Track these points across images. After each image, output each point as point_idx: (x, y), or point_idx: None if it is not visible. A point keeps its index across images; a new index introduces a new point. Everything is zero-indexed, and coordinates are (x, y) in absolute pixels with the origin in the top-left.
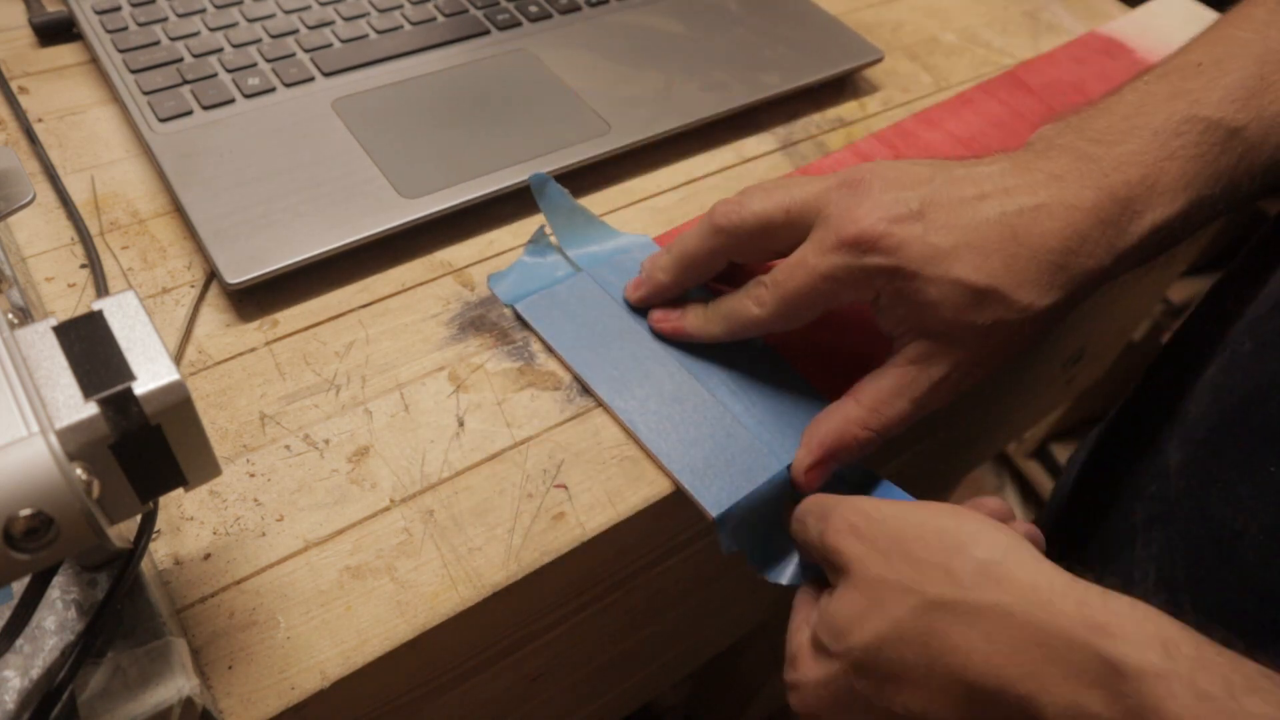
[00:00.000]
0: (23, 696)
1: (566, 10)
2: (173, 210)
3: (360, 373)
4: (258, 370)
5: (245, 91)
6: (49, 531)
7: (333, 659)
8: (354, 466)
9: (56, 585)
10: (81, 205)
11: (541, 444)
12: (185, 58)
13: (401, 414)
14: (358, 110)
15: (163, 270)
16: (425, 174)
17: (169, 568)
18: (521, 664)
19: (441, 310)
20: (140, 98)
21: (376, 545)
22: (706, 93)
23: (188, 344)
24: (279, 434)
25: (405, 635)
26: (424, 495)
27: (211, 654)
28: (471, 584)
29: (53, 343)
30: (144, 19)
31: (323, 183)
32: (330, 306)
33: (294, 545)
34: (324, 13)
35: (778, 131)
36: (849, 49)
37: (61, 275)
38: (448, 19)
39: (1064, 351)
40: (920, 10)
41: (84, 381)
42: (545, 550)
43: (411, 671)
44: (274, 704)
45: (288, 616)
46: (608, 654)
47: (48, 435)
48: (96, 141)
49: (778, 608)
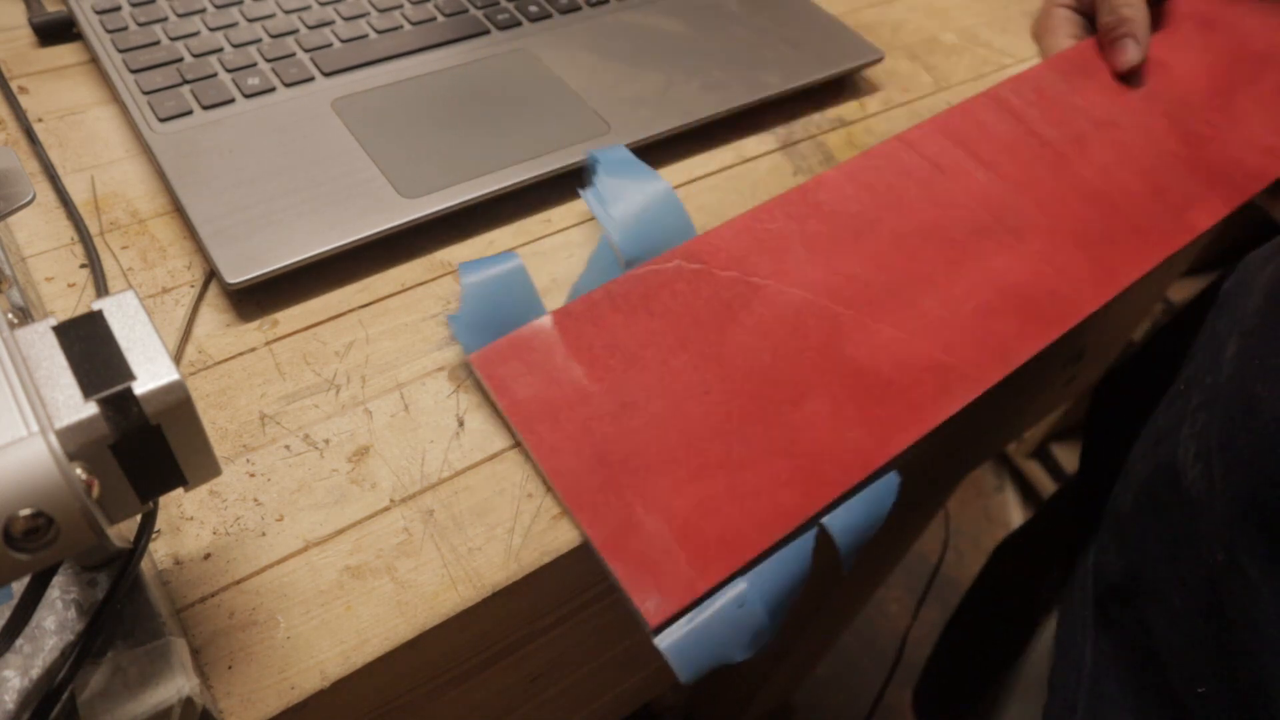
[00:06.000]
0: (23, 696)
1: (566, 10)
2: (173, 210)
3: (360, 373)
4: (258, 370)
5: (245, 91)
6: (49, 531)
7: (333, 659)
8: (354, 466)
9: (56, 585)
10: (81, 205)
11: None
12: (185, 58)
13: (401, 414)
14: (358, 110)
15: (163, 270)
16: (425, 174)
17: (169, 568)
18: (521, 664)
19: (441, 310)
20: (140, 98)
21: (376, 545)
22: (706, 93)
23: (187, 344)
24: (279, 434)
25: (405, 635)
26: (424, 495)
27: (211, 654)
28: (471, 584)
29: (53, 342)
30: (144, 19)
31: (323, 182)
32: (330, 306)
33: (294, 545)
34: (324, 13)
35: (778, 131)
36: (849, 49)
37: (61, 275)
38: (448, 19)
39: (1064, 351)
40: (920, 10)
41: (84, 381)
42: (545, 550)
43: (411, 671)
44: (274, 704)
45: (288, 616)
46: (608, 654)
47: (48, 435)
48: (96, 141)
49: None
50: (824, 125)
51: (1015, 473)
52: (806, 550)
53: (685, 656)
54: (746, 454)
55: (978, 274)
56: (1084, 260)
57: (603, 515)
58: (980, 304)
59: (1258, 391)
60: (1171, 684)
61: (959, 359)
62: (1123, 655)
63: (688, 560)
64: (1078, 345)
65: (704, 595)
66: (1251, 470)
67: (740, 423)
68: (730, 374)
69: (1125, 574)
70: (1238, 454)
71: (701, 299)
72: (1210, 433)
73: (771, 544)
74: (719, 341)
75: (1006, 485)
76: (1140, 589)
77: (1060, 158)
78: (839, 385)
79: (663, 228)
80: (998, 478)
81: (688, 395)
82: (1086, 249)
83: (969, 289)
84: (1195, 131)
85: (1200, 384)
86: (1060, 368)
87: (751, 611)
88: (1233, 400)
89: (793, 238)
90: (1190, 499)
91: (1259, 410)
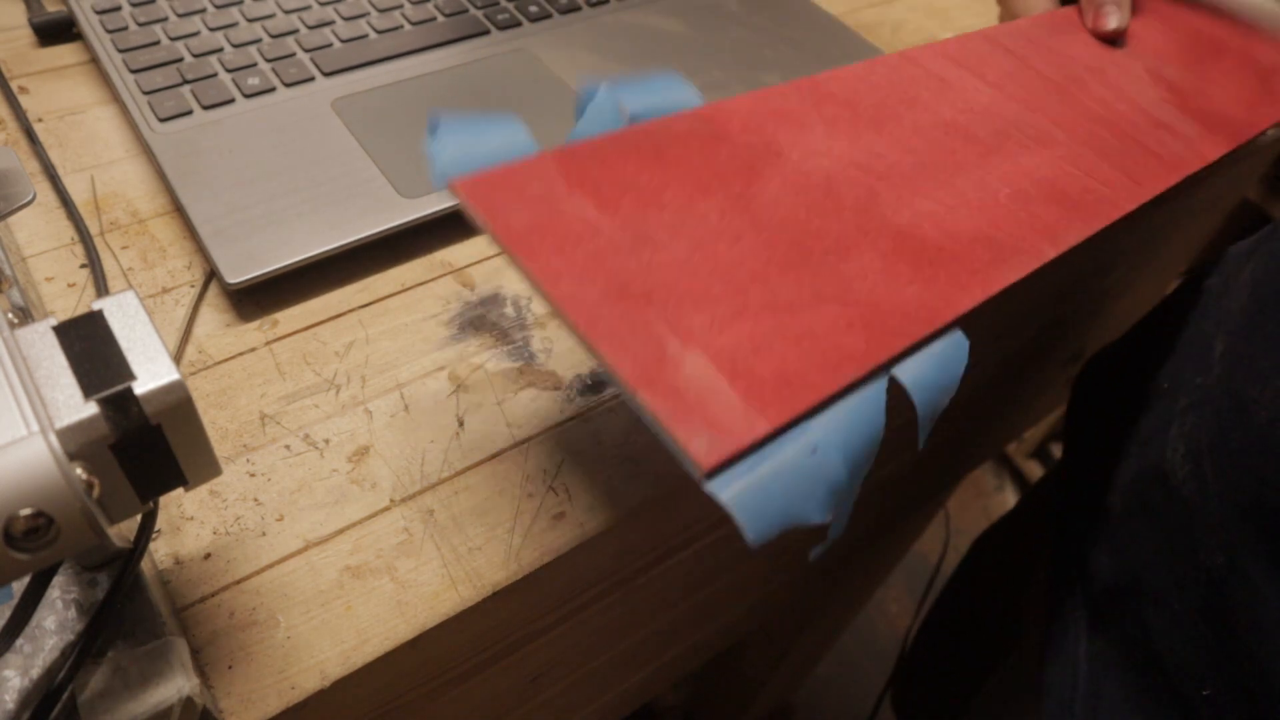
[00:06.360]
0: (23, 696)
1: (566, 10)
2: (173, 210)
3: (360, 372)
4: (258, 370)
5: (245, 91)
6: (49, 531)
7: (333, 659)
8: (354, 466)
9: (56, 585)
10: (81, 205)
11: (541, 444)
12: (185, 57)
13: (401, 414)
14: (358, 110)
15: (163, 270)
16: (425, 174)
17: (169, 567)
18: (521, 664)
19: (441, 310)
20: (140, 98)
21: (376, 545)
22: (707, 93)
23: (188, 344)
24: (279, 434)
25: (405, 635)
26: (424, 495)
27: (211, 654)
28: (471, 584)
29: (53, 342)
30: (144, 19)
31: (323, 182)
32: (330, 306)
33: (294, 545)
34: (324, 13)
35: None
36: (849, 49)
37: (61, 275)
38: (448, 19)
39: (1064, 351)
40: (920, 10)
41: (84, 381)
42: (545, 550)
43: (411, 671)
44: (274, 704)
45: (288, 616)
46: (608, 654)
47: (48, 435)
48: (96, 141)
49: (778, 608)
50: None
51: (1015, 473)
52: (879, 403)
53: (753, 510)
54: (795, 298)
55: (1009, 166)
56: (1110, 168)
57: (629, 346)
58: (1017, 191)
59: (1249, 393)
60: (1175, 686)
61: (1007, 234)
62: (1121, 657)
63: (742, 397)
64: (1077, 345)
65: (765, 439)
66: (1248, 473)
67: (782, 268)
68: (762, 225)
69: (1118, 575)
70: (1231, 455)
71: (721, 158)
72: (1200, 433)
73: (839, 388)
74: (745, 195)
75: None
76: (1135, 591)
77: (1062, 90)
78: (886, 244)
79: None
80: (998, 478)
81: (717, 238)
82: (1109, 159)
83: (1003, 178)
84: (1179, 86)
85: (1188, 384)
86: (1060, 368)
87: (828, 460)
88: (1223, 401)
89: (811, 117)
90: (1181, 499)
91: (1252, 412)
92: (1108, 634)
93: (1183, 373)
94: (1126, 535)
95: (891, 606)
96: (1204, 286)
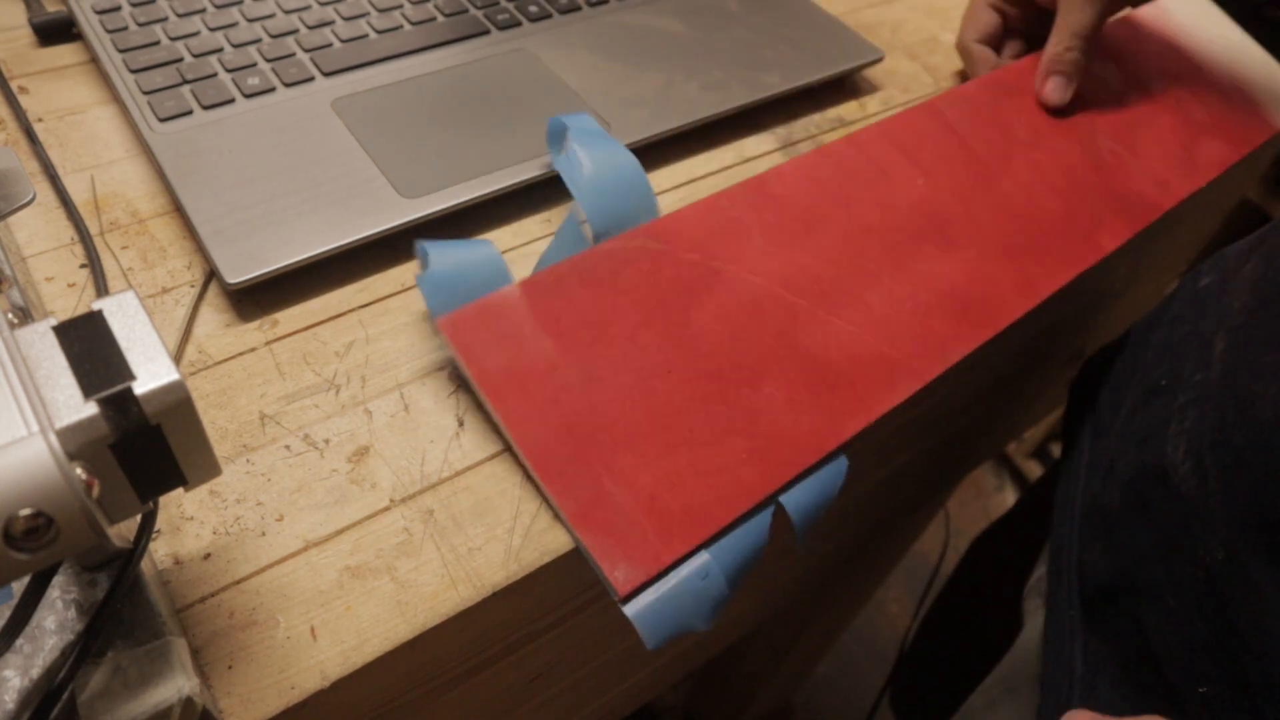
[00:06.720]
0: (23, 696)
1: (566, 10)
2: (173, 210)
3: (360, 373)
4: (258, 370)
5: (245, 91)
6: (49, 531)
7: (333, 659)
8: (354, 466)
9: (56, 585)
10: (81, 205)
11: None
12: (185, 58)
13: (401, 414)
14: (358, 110)
15: (163, 270)
16: (425, 174)
17: (169, 568)
18: (521, 664)
19: None
20: (140, 98)
21: (376, 545)
22: (706, 93)
23: (187, 344)
24: (279, 434)
25: (405, 635)
26: (424, 495)
27: (211, 654)
28: (471, 584)
29: (53, 342)
30: (144, 19)
31: (323, 182)
32: (330, 306)
33: (294, 545)
34: (324, 13)
35: (778, 131)
36: (849, 49)
37: (61, 275)
38: (447, 19)
39: (1064, 351)
40: (920, 10)
41: (84, 381)
42: (545, 550)
43: (411, 671)
44: (274, 704)
45: (288, 616)
46: (608, 654)
47: (48, 435)
48: (96, 141)
49: (778, 608)
50: (824, 125)
51: (1015, 473)
52: (764, 526)
53: (651, 624)
54: (708, 432)
55: (917, 276)
56: (1009, 270)
57: (573, 487)
58: (919, 305)
59: (1253, 389)
60: (1171, 684)
61: (902, 354)
62: (1116, 655)
63: (655, 532)
64: (1077, 345)
65: (670, 566)
66: (1251, 469)
67: (702, 402)
68: (692, 355)
69: (1114, 573)
70: (1233, 451)
71: (665, 279)
72: (1201, 430)
73: (733, 519)
74: (682, 323)
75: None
76: (1131, 588)
77: (988, 171)
78: (794, 371)
79: (631, 202)
80: (998, 478)
81: (652, 373)
82: (1011, 259)
83: (910, 290)
84: (1103, 159)
85: (1187, 381)
86: (1060, 367)
87: (714, 583)
88: (1225, 397)
89: (751, 226)
90: (1181, 496)
91: (1255, 408)
92: (1102, 633)
93: (1182, 370)
94: (1123, 533)
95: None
96: (1203, 286)
